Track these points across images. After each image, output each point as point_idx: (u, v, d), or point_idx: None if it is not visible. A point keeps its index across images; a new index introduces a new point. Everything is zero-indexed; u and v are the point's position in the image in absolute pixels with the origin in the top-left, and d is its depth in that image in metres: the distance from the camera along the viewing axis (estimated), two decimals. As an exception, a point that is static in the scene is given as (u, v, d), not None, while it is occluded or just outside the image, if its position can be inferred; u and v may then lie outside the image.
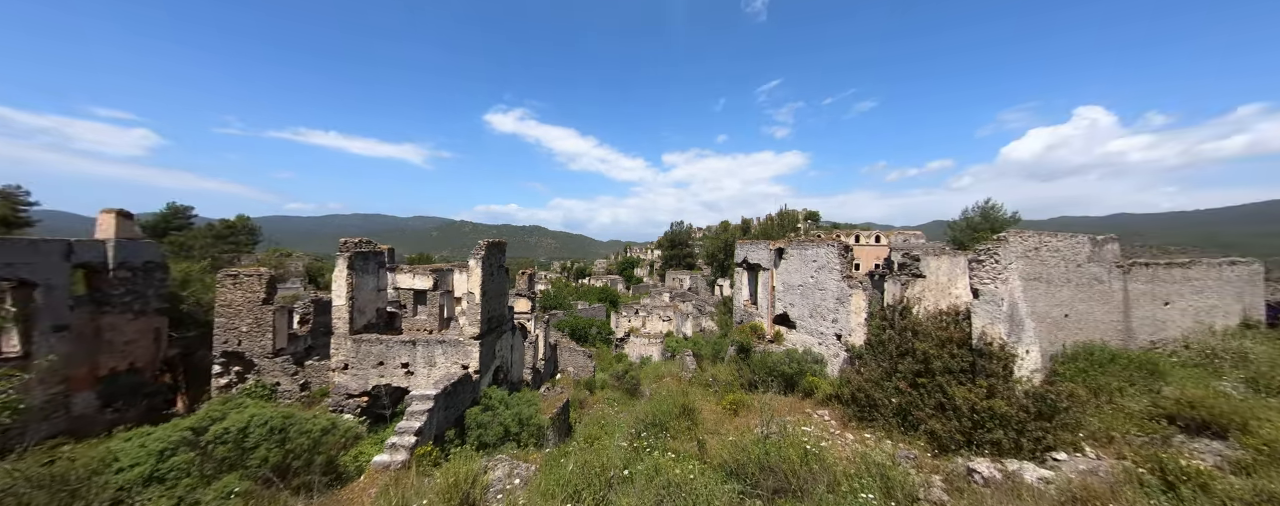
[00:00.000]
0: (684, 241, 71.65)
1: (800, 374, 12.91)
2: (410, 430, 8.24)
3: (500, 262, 13.42)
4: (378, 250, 12.60)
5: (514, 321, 15.32)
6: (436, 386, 9.50)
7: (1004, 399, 8.47)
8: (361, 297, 11.76)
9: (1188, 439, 7.42)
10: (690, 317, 34.33)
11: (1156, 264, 12.24)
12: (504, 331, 13.78)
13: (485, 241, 12.27)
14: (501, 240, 13.32)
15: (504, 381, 13.57)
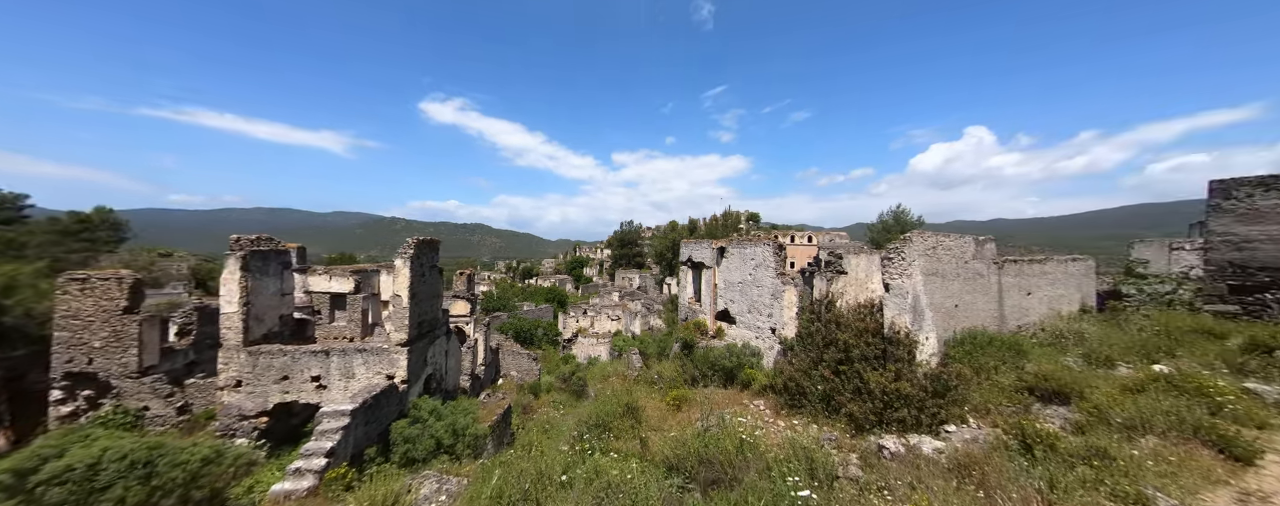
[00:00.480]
0: (634, 240, 72.09)
1: (739, 367, 13.49)
2: (320, 451, 7.30)
3: (433, 262, 12.42)
4: (281, 248, 11.04)
5: (449, 325, 14.28)
6: (354, 400, 8.53)
7: (908, 381, 9.49)
8: (260, 303, 10.22)
9: (1042, 406, 8.85)
10: (639, 316, 34.56)
11: (1022, 261, 14.55)
12: (437, 336, 12.78)
13: (415, 239, 11.27)
14: (434, 238, 12.34)
15: (437, 390, 12.60)
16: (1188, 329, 12.33)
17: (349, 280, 13.52)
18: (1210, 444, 5.33)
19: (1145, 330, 12.90)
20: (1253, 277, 14.07)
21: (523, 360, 20.92)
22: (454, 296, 17.24)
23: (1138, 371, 9.56)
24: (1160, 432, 5.88)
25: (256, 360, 9.54)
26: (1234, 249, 14.53)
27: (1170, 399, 6.96)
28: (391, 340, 10.39)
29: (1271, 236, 13.83)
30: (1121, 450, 4.97)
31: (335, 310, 13.95)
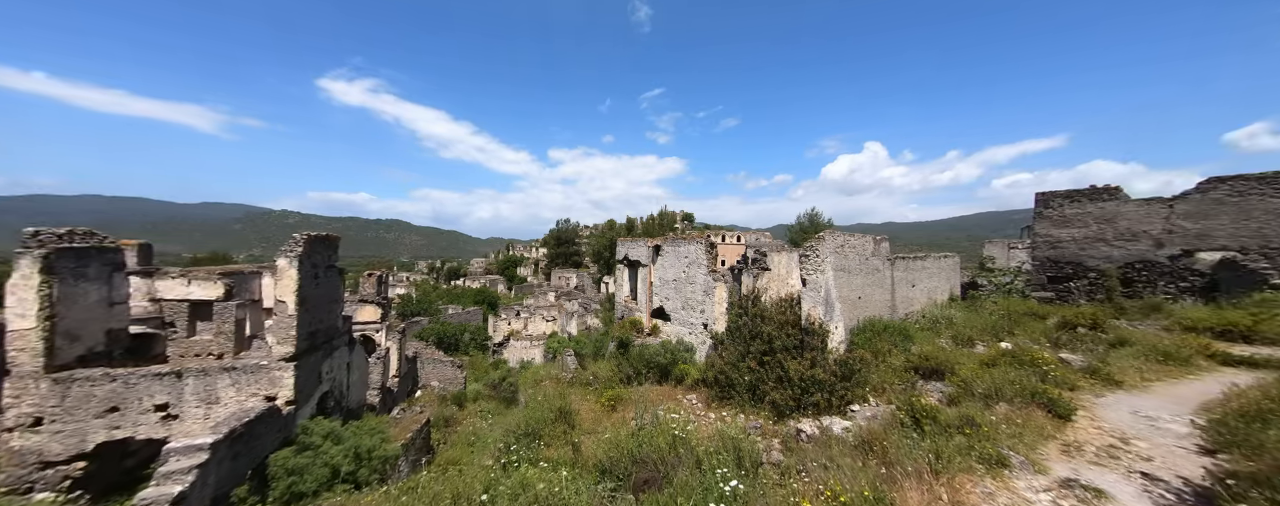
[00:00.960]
0: (571, 239, 70.49)
1: (673, 363, 13.73)
2: (163, 499, 5.81)
3: (330, 262, 10.71)
4: (109, 245, 8.67)
5: (353, 334, 12.48)
6: (216, 431, 6.97)
7: (822, 368, 10.37)
8: (75, 315, 7.91)
9: (924, 382, 10.25)
10: (575, 316, 33.79)
11: (908, 257, 16.86)
12: (337, 347, 11.08)
13: (305, 235, 9.60)
14: (332, 234, 10.65)
15: (337, 409, 10.92)
16: (1022, 312, 15.25)
17: (216, 285, 11.13)
18: (1043, 405, 6.54)
19: (994, 314, 15.69)
20: (1062, 270, 17.89)
21: (446, 368, 19.16)
22: (360, 301, 15.13)
23: (990, 348, 11.52)
24: (1009, 399, 7.07)
25: (67, 389, 7.34)
26: (1050, 248, 18.34)
27: (1014, 370, 8.43)
28: (273, 354, 8.72)
29: (1074, 238, 17.68)
30: (984, 416, 5.87)
31: (196, 321, 11.41)
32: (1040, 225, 18.73)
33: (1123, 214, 16.44)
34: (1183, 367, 9.08)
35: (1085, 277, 16.98)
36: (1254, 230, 13.99)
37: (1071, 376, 8.50)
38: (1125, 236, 16.34)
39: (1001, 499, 3.92)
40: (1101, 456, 5.18)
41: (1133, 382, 8.41)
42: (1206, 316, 11.72)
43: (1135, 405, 7.24)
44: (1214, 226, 14.66)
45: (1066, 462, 5.01)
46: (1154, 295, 14.84)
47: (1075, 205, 17.64)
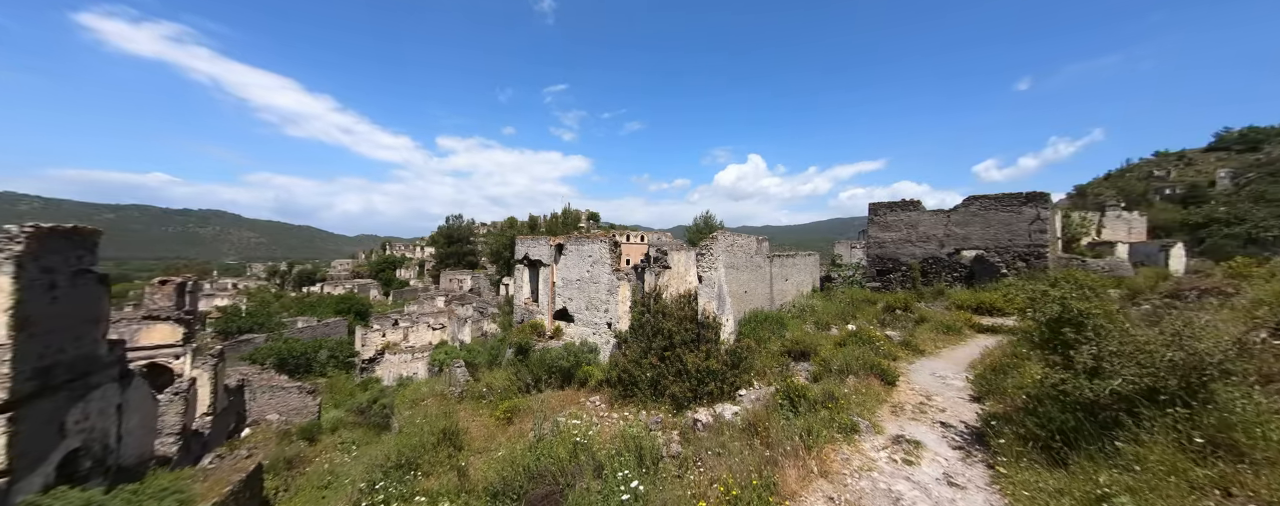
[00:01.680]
0: (464, 237, 63.99)
1: (576, 365, 13.31)
2: None
3: (81, 266, 7.56)
4: None
5: (128, 364, 9.05)
6: None
7: (715, 359, 11.15)
8: None
9: (795, 363, 11.82)
10: (469, 322, 30.65)
11: (783, 256, 19.41)
12: (97, 385, 7.90)
13: (32, 227, 6.57)
14: (84, 227, 7.53)
15: (97, 470, 7.78)
16: (861, 299, 18.83)
17: None
18: (877, 375, 8.02)
19: (842, 302, 19.02)
20: (886, 265, 22.63)
21: (291, 396, 15.40)
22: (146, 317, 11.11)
23: (841, 331, 13.84)
24: (856, 372, 8.49)
25: None
26: (878, 247, 23.04)
27: (857, 348, 10.20)
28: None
29: (893, 239, 22.51)
30: (839, 390, 6.92)
31: None
32: (871, 229, 23.43)
33: (921, 222, 21.54)
34: (957, 336, 12.21)
35: (900, 270, 21.79)
36: (992, 235, 19.67)
37: (894, 349, 10.70)
38: (923, 239, 21.44)
39: (855, 462, 4.56)
40: (916, 413, 6.51)
41: (931, 350, 10.95)
42: (969, 297, 16.03)
43: (933, 368, 9.40)
44: (971, 232, 20.19)
45: (895, 421, 6.16)
46: (940, 282, 19.79)
47: (893, 214, 22.51)
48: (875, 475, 4.24)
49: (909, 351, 10.77)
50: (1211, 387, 3.29)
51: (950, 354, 10.69)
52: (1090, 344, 4.20)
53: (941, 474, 4.36)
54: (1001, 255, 19.01)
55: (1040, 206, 18.67)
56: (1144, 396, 3.59)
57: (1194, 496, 2.85)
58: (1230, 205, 34.93)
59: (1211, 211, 35.26)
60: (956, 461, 4.74)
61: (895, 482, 4.07)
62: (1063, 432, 4.06)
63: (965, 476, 4.34)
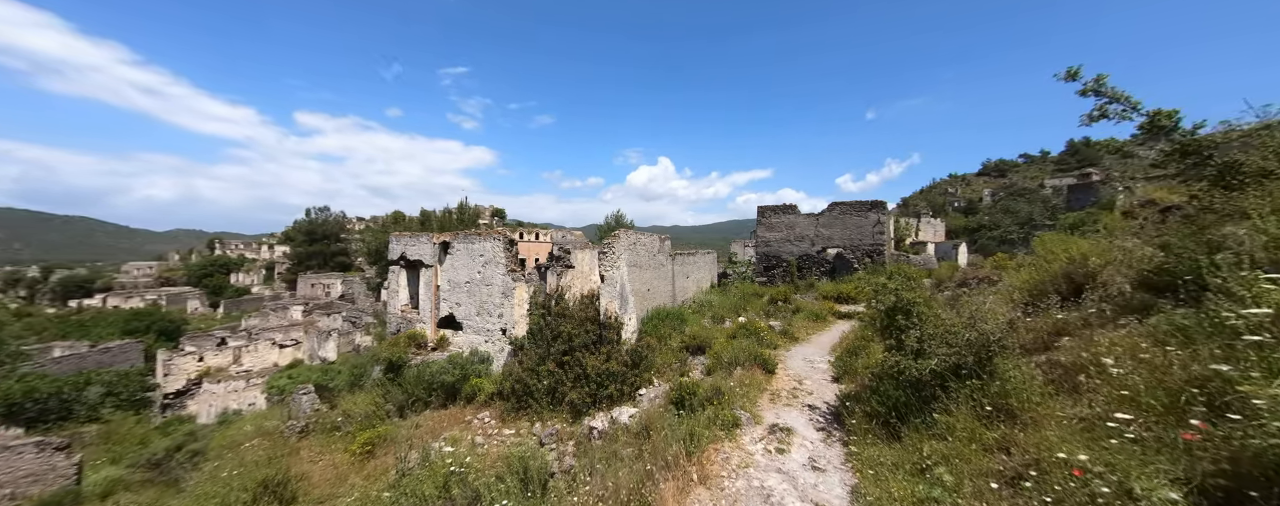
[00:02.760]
0: (332, 233, 53.55)
1: (464, 378, 11.78)
2: None
3: None
4: None
5: None
6: None
7: (617, 360, 10.85)
8: None
9: (692, 356, 12.22)
10: (335, 336, 25.51)
11: (684, 254, 20.21)
12: None
13: None
14: None
15: None
16: (751, 293, 20.62)
17: None
18: (760, 365, 8.56)
19: (736, 296, 20.60)
20: (770, 262, 25.27)
21: (22, 458, 10.62)
22: None
23: (733, 323, 14.82)
24: (742, 364, 8.95)
25: None
26: (764, 246, 25.63)
27: (745, 340, 10.88)
28: None
29: (776, 239, 25.23)
30: (726, 383, 7.14)
31: None
32: (759, 230, 25.95)
33: (798, 223, 24.57)
34: (824, 322, 14.00)
35: (781, 266, 24.55)
36: (848, 235, 23.35)
37: (775, 338, 11.73)
38: (799, 238, 24.49)
39: (734, 459, 4.55)
40: (789, 398, 7.02)
41: (804, 337, 12.29)
42: (832, 288, 18.69)
43: (805, 353, 10.48)
44: (834, 233, 23.70)
45: (772, 408, 6.52)
46: (812, 276, 22.79)
47: (777, 217, 25.26)
48: (751, 471, 4.26)
49: (787, 339, 11.92)
50: (995, 361, 3.92)
51: (818, 339, 12.13)
52: (916, 329, 4.81)
53: (807, 459, 4.59)
54: (854, 252, 22.68)
55: (880, 213, 22.77)
56: (952, 372, 4.16)
57: (987, 457, 3.29)
58: (991, 215, 47.69)
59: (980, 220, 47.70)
60: (819, 443, 5.09)
61: (768, 477, 4.12)
62: (897, 408, 4.58)
63: (826, 458, 4.64)
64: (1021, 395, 3.58)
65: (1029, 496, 2.60)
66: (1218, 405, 2.32)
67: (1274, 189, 3.67)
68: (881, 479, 3.66)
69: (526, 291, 13.56)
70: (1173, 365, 2.82)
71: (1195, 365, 2.69)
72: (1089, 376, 3.45)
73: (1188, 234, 4.05)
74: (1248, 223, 3.50)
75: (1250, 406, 2.07)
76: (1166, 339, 3.23)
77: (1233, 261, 3.05)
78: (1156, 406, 2.66)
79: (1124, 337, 3.59)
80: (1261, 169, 3.92)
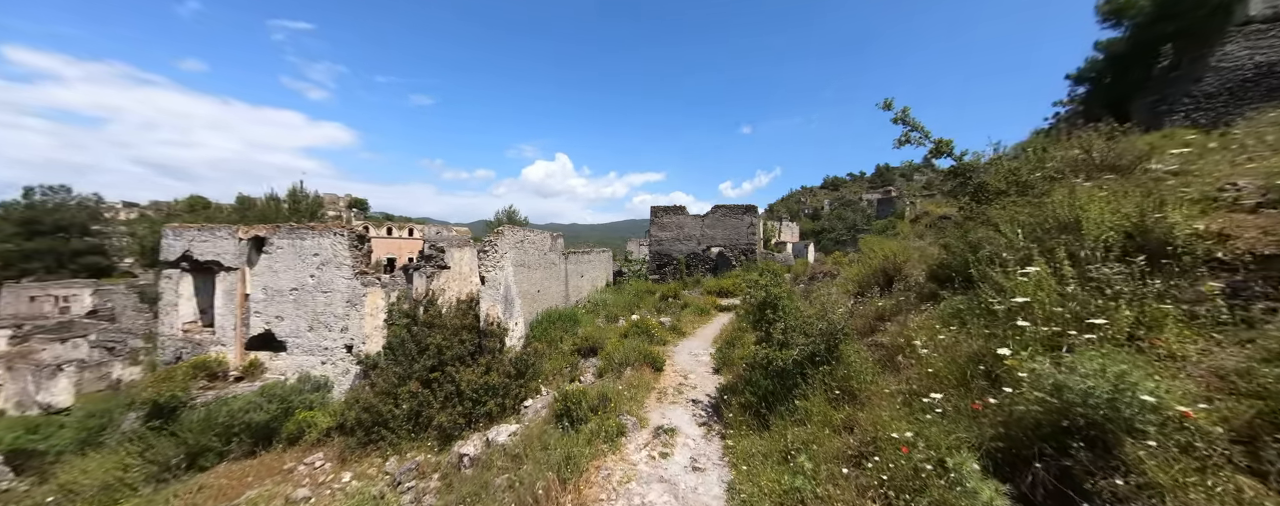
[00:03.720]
0: (75, 224, 37.23)
1: (286, 414, 9.08)
2: None
3: None
4: None
5: None
6: None
7: (497, 371, 9.67)
8: None
9: (583, 359, 11.74)
10: (71, 370, 17.57)
11: (578, 252, 19.58)
12: None
13: None
14: None
15: None
16: (645, 291, 21.13)
17: None
18: (649, 364, 8.54)
19: (630, 294, 20.86)
20: (662, 260, 26.42)
21: None
22: None
23: (627, 322, 14.85)
24: (633, 363, 8.81)
25: None
26: (657, 245, 26.67)
27: (636, 339, 10.86)
28: None
29: (667, 238, 26.48)
30: (615, 388, 6.84)
31: None
32: (652, 229, 26.91)
33: (686, 223, 26.22)
34: (708, 316, 15.03)
35: (672, 264, 25.88)
36: (728, 235, 25.86)
37: (665, 334, 12.03)
38: (687, 238, 26.16)
39: (617, 473, 4.20)
40: (675, 395, 7.08)
41: (690, 331, 12.92)
42: (715, 284, 20.37)
43: (691, 347, 10.95)
44: (717, 233, 25.98)
45: (659, 408, 6.44)
46: (698, 273, 24.55)
47: (668, 217, 26.52)
48: (633, 486, 3.97)
49: (675, 334, 12.35)
50: (841, 347, 4.36)
51: (703, 332, 12.89)
52: (781, 321, 5.17)
53: (689, 460, 4.51)
54: (733, 251, 25.24)
55: (753, 216, 25.80)
56: (809, 360, 4.52)
57: (837, 438, 3.56)
58: (829, 221, 59.00)
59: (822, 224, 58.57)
60: (701, 439, 5.11)
61: (650, 491, 3.88)
62: (767, 397, 4.83)
63: (706, 455, 4.65)
64: (861, 378, 4.01)
65: (871, 475, 2.79)
66: (994, 378, 2.80)
67: (1006, 203, 4.90)
68: (754, 473, 3.71)
69: (384, 298, 11.22)
70: (959, 344, 3.40)
71: (973, 343, 3.28)
72: (904, 356, 4.06)
73: (959, 237, 5.16)
74: (993, 228, 4.58)
75: (1016, 378, 2.50)
76: (950, 321, 3.98)
77: (988, 258, 3.88)
78: (952, 380, 3.15)
79: (925, 321, 4.35)
80: (998, 188, 5.23)
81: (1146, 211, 3.13)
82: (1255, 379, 1.94)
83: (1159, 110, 14.88)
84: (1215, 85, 14.24)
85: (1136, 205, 3.23)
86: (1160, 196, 3.21)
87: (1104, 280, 2.79)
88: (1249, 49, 13.91)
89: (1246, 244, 2.80)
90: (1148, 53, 17.58)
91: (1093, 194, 3.56)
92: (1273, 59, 13.61)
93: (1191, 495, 1.71)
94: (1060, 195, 3.93)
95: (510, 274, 12.12)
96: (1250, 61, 13.84)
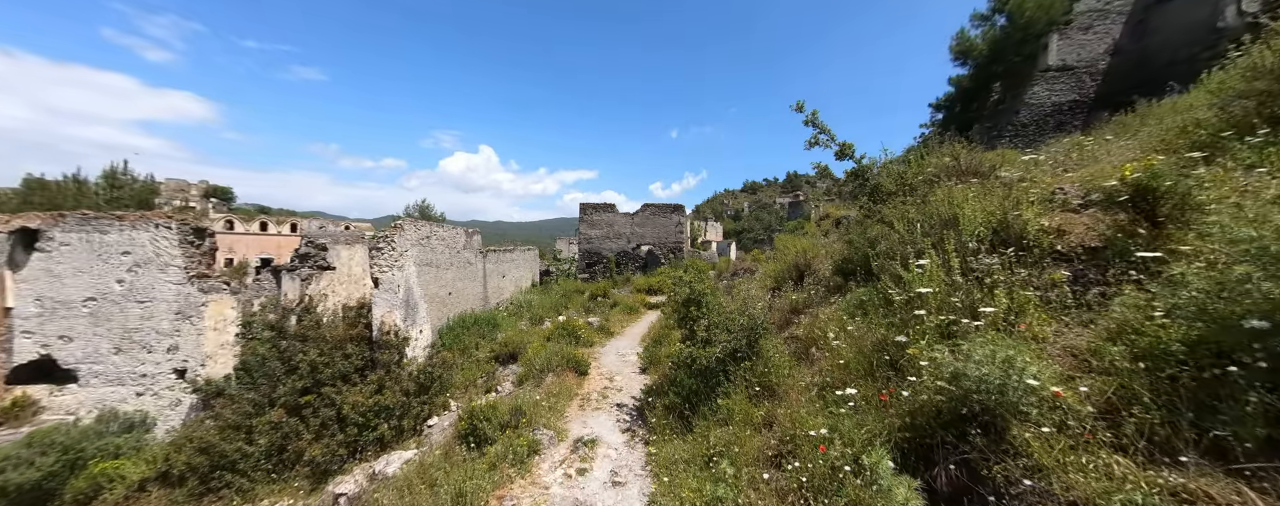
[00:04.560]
0: None
1: (73, 467, 6.67)
2: None
3: None
4: None
5: None
6: None
7: (393, 388, 8.29)
8: None
9: (502, 367, 10.72)
10: None
11: (499, 250, 18.09)
12: None
13: None
14: None
15: None
16: (573, 290, 20.34)
17: None
18: (573, 368, 8.00)
19: (558, 294, 19.91)
20: (592, 258, 25.82)
21: None
22: None
23: (553, 323, 14.02)
24: (555, 369, 8.19)
25: None
26: (587, 243, 25.99)
27: (561, 342, 10.21)
28: None
29: (598, 236, 25.94)
30: (531, 399, 6.19)
31: None
32: (582, 227, 26.14)
33: (616, 221, 25.95)
34: (636, 314, 14.88)
35: (602, 262, 25.41)
36: (657, 234, 26.20)
37: (593, 335, 11.54)
38: (618, 236, 25.91)
39: (525, 502, 3.64)
40: (599, 400, 6.66)
41: (618, 330, 12.61)
42: (644, 282, 20.39)
43: (618, 347, 10.62)
44: (646, 231, 26.15)
45: (580, 417, 5.96)
46: (628, 271, 24.43)
47: (598, 214, 25.98)
48: (542, 515, 3.45)
49: (603, 335, 11.93)
50: (760, 342, 4.33)
51: (631, 330, 12.67)
52: (705, 318, 5.04)
53: (609, 473, 4.13)
54: (662, 249, 25.64)
55: (681, 215, 26.50)
56: (731, 357, 4.42)
57: (758, 437, 3.45)
58: (748, 222, 63.86)
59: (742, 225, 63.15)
60: (623, 448, 4.77)
61: (561, 518, 3.39)
62: (691, 398, 4.65)
63: (628, 466, 4.31)
64: (779, 372, 4.00)
65: (791, 477, 2.67)
66: (897, 367, 2.87)
67: (896, 203, 5.38)
68: (676, 483, 3.45)
69: (236, 307, 8.97)
70: (865, 335, 3.51)
71: (876, 333, 3.40)
72: (818, 348, 4.15)
73: (859, 233, 5.55)
74: (887, 226, 4.97)
75: (918, 367, 2.54)
76: (854, 312, 4.18)
77: (887, 252, 4.14)
78: (861, 370, 3.21)
79: (834, 313, 4.53)
80: (890, 190, 5.75)
81: (1007, 209, 3.52)
82: (1105, 357, 2.15)
83: (991, 135, 18.48)
84: (1027, 117, 18.14)
85: (1000, 204, 3.62)
86: (1017, 197, 3.65)
87: (984, 270, 3.02)
88: (1048, 90, 18.03)
89: (1077, 238, 3.27)
90: (985, 88, 21.94)
91: (965, 194, 3.94)
92: (1062, 99, 17.85)
93: (1071, 475, 1.78)
94: (940, 195, 4.33)
95: (413, 275, 10.56)
96: (1049, 100, 17.94)
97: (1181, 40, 15.12)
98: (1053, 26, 18.04)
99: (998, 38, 19.90)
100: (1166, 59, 15.51)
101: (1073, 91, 17.67)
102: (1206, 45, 13.78)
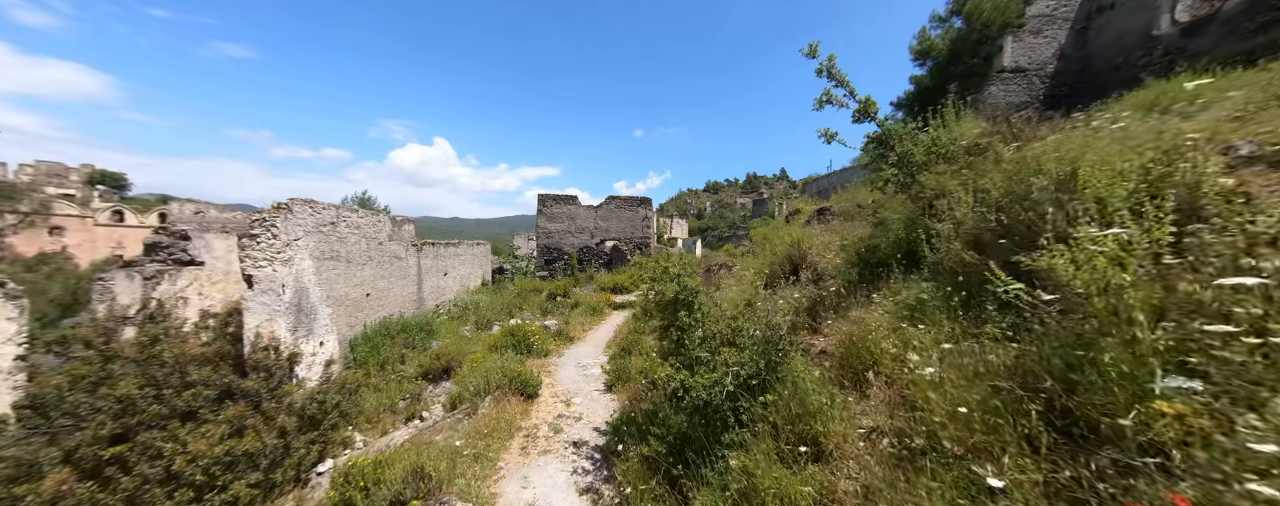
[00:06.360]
0: None
1: None
2: None
3: None
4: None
5: None
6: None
7: (263, 425, 6.07)
8: None
9: (433, 386, 8.62)
10: None
11: (438, 243, 15.63)
12: None
13: None
14: None
15: None
16: (530, 289, 18.23)
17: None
18: (518, 392, 6.23)
19: (512, 293, 17.72)
20: (552, 254, 23.72)
21: None
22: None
23: (503, 327, 11.99)
24: (494, 390, 6.37)
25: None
26: (546, 237, 23.84)
27: (508, 352, 8.35)
28: None
29: (557, 230, 23.88)
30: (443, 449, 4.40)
31: None
32: (541, 220, 23.95)
33: (578, 214, 24.03)
34: (601, 315, 13.20)
35: (563, 259, 23.40)
36: (622, 228, 24.60)
37: (549, 342, 9.73)
38: (579, 230, 24.00)
39: None
40: (550, 436, 4.98)
41: (579, 335, 10.88)
42: (609, 280, 18.72)
43: (579, 355, 8.92)
44: (610, 226, 24.47)
45: (520, 468, 4.26)
46: (592, 268, 22.63)
47: (558, 207, 23.90)
48: None
49: (561, 340, 10.17)
50: (787, 364, 2.88)
51: (594, 335, 10.99)
52: (700, 326, 3.52)
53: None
54: (628, 244, 24.07)
55: (647, 208, 25.07)
56: (744, 387, 2.93)
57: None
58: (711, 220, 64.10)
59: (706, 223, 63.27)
60: (581, 526, 3.14)
61: None
62: (682, 447, 3.11)
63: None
64: (822, 415, 2.55)
65: None
66: (1082, 424, 1.48)
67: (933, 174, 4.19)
68: None
69: (12, 316, 6.26)
70: (977, 359, 2.14)
71: (1000, 355, 2.04)
72: (876, 373, 2.76)
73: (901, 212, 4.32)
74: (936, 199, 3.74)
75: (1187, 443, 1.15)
76: (912, 318, 2.86)
77: (969, 230, 2.84)
78: (983, 423, 1.82)
79: (885, 318, 3.19)
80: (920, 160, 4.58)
81: (1171, 161, 2.31)
82: None
83: (954, 133, 18.70)
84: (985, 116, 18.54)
85: (1153, 156, 2.40)
86: (1176, 145, 2.46)
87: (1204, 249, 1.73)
88: (1003, 91, 18.57)
89: None
90: (943, 89, 22.57)
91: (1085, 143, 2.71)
92: (1015, 100, 18.48)
93: None
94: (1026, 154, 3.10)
95: (309, 271, 8.16)
96: (1004, 101, 18.48)
97: (1120, 46, 16.04)
98: (1008, 29, 18.66)
99: (957, 38, 20.43)
100: (1106, 64, 16.40)
101: (1024, 92, 18.35)
102: (1144, 52, 14.56)
